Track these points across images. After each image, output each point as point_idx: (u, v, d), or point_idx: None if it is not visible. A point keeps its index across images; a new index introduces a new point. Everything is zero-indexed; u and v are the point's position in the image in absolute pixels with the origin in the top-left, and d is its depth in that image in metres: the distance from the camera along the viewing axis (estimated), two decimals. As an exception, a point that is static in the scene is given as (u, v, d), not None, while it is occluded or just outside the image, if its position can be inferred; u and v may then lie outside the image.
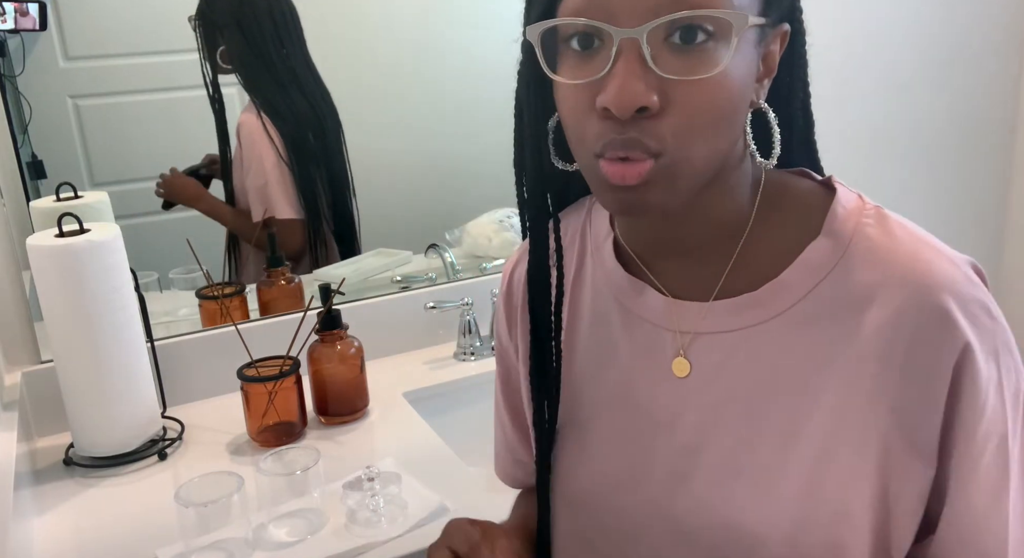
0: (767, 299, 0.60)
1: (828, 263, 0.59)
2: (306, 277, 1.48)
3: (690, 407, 0.62)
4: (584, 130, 0.55)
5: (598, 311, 0.68)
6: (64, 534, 1.01)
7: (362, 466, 1.01)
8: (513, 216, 1.62)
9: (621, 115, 0.51)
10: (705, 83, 0.51)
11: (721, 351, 0.61)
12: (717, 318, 0.62)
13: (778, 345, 0.59)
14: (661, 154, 0.53)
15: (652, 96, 0.51)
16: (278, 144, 1.42)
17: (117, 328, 1.11)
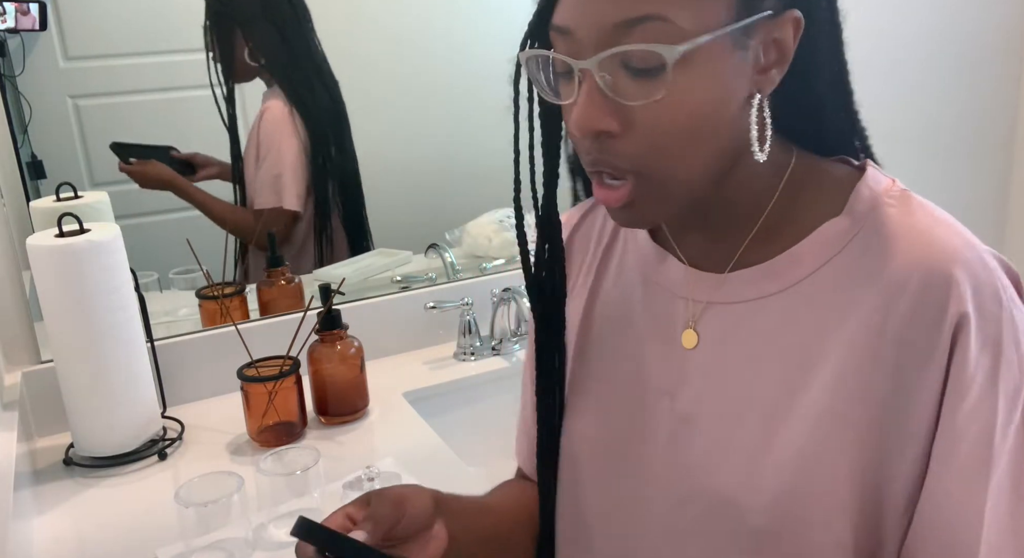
0: (780, 271, 0.61)
1: (843, 239, 0.59)
2: (306, 277, 1.48)
3: (693, 377, 0.64)
4: (579, 147, 0.59)
5: (624, 279, 0.71)
6: (64, 534, 1.01)
7: (362, 466, 1.01)
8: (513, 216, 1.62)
9: (582, 138, 0.55)
10: (663, 104, 0.53)
11: (729, 322, 0.63)
12: (731, 288, 0.63)
13: (784, 318, 0.60)
14: (637, 173, 0.56)
15: (609, 121, 0.54)
16: (302, 135, 1.42)
17: (117, 328, 1.11)
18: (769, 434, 0.59)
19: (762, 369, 0.60)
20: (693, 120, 0.54)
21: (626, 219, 0.59)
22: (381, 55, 1.49)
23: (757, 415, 0.60)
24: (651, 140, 0.54)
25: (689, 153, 0.55)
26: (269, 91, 1.42)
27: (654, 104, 0.53)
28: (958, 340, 0.55)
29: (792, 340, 0.60)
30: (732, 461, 0.61)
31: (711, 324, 0.64)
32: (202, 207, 1.40)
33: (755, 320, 0.61)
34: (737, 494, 0.60)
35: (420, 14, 1.52)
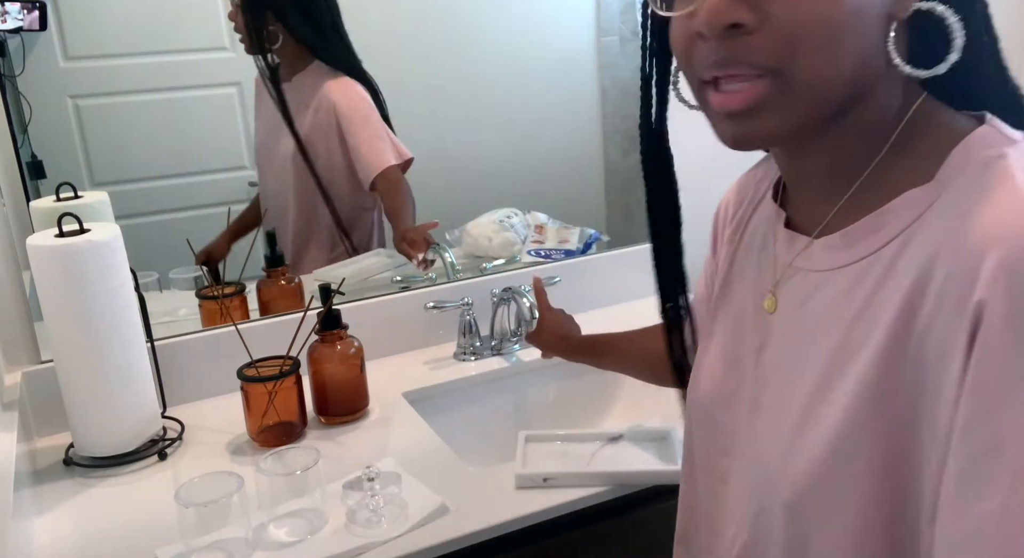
0: (855, 241, 0.57)
1: (915, 213, 0.54)
2: (306, 277, 1.48)
3: (771, 341, 0.64)
4: (689, 59, 0.55)
5: (756, 235, 0.70)
6: (64, 534, 1.01)
7: (362, 466, 1.01)
8: (513, 216, 1.62)
9: (710, 33, 0.51)
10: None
11: (805, 290, 0.61)
12: (813, 255, 0.61)
13: (846, 293, 0.57)
14: (775, 70, 0.51)
15: (743, 11, 0.50)
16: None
17: (117, 328, 1.11)
18: (811, 411, 0.57)
19: (819, 343, 0.58)
20: (837, 14, 0.50)
21: (744, 130, 0.54)
22: (381, 56, 1.49)
23: (806, 389, 0.58)
24: (792, 33, 0.50)
25: (833, 51, 0.51)
26: (306, 72, 1.44)
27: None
28: (978, 329, 0.48)
29: (847, 318, 0.56)
30: (778, 432, 0.60)
31: (792, 290, 0.62)
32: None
33: (824, 291, 0.59)
34: (775, 465, 0.59)
35: (418, 16, 1.52)
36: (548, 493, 1.03)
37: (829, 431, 0.56)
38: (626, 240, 1.68)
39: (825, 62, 0.51)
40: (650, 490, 1.06)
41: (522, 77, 1.61)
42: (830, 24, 0.50)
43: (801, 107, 0.53)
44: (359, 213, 1.53)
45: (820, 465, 0.56)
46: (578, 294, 1.59)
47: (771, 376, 0.63)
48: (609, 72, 1.68)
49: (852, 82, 0.53)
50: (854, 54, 0.52)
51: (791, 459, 0.58)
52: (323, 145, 1.47)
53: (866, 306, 0.55)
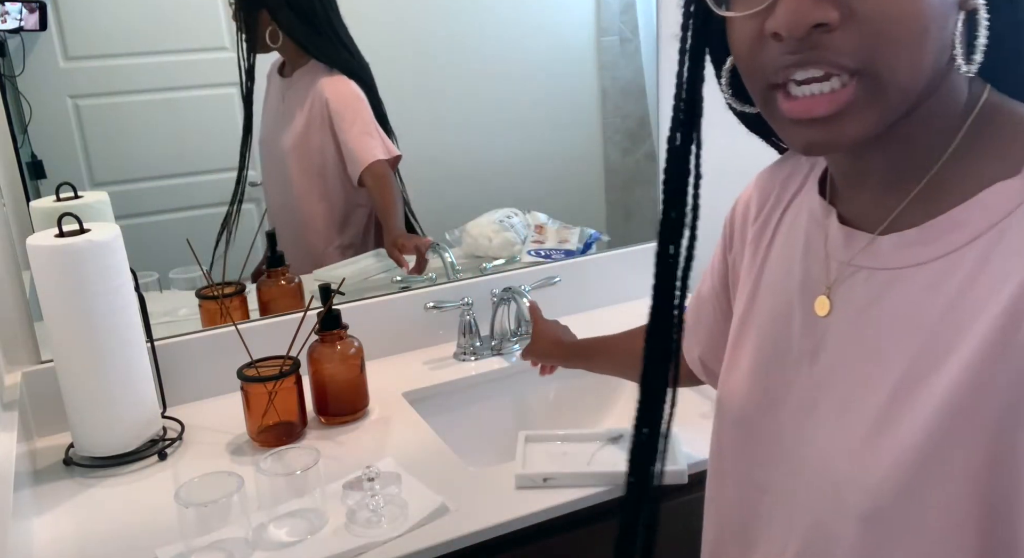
0: (935, 236, 0.54)
1: (1008, 207, 0.51)
2: (306, 277, 1.48)
3: (829, 344, 0.60)
4: (755, 61, 0.52)
5: (794, 233, 0.67)
6: (64, 534, 1.01)
7: (362, 466, 1.01)
8: (513, 216, 1.62)
9: (793, 33, 0.48)
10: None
11: (872, 289, 0.57)
12: (880, 252, 0.57)
13: (929, 291, 0.53)
14: (861, 69, 0.49)
15: (828, 10, 0.47)
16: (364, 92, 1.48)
17: (117, 328, 1.11)
18: (891, 416, 0.54)
19: (897, 344, 0.55)
20: (924, 7, 0.48)
21: (824, 136, 0.51)
22: (381, 56, 1.49)
23: (884, 393, 0.55)
24: (878, 29, 0.48)
25: (918, 46, 0.48)
26: (305, 69, 1.44)
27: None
28: None
29: (933, 317, 0.53)
30: (848, 439, 0.56)
31: (854, 289, 0.58)
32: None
33: (899, 289, 0.55)
34: (844, 474, 0.56)
35: (418, 16, 1.52)
36: (548, 493, 1.03)
37: (917, 435, 0.52)
38: (626, 240, 1.68)
39: (911, 58, 0.49)
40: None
41: (522, 77, 1.61)
42: (917, 18, 0.48)
43: (889, 108, 0.51)
44: (352, 209, 1.53)
45: (906, 472, 0.52)
46: (578, 294, 1.60)
47: (833, 380, 0.59)
48: (609, 72, 1.68)
49: (930, 77, 0.51)
50: (935, 48, 0.50)
51: (867, 467, 0.54)
52: (317, 141, 1.47)
53: (956, 304, 0.52)
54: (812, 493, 0.59)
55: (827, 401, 0.59)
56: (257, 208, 1.47)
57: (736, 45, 0.54)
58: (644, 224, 1.72)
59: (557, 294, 1.54)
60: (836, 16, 0.48)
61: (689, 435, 1.10)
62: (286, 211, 1.50)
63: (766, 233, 0.70)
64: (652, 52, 1.64)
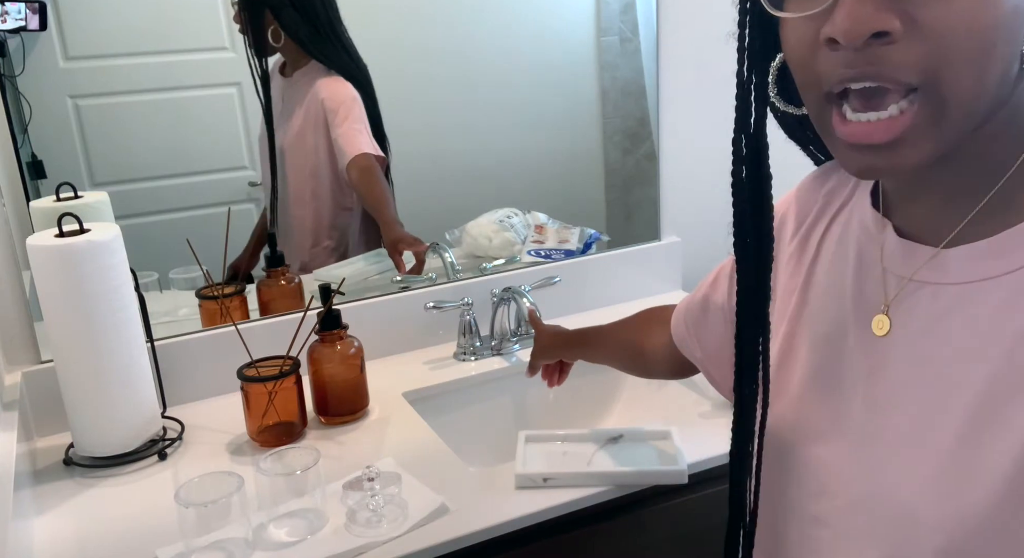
0: (1006, 250, 0.50)
1: None
2: (306, 277, 1.48)
3: (890, 364, 0.56)
4: (810, 67, 0.49)
5: (844, 249, 0.63)
6: (64, 534, 1.01)
7: (362, 466, 1.01)
8: (513, 216, 1.62)
9: (850, 42, 0.45)
10: (962, 2, 0.44)
11: (940, 305, 0.54)
12: (946, 266, 0.54)
13: (1007, 306, 0.50)
14: (923, 85, 0.46)
15: (890, 18, 0.44)
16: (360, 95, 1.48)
17: (117, 328, 1.11)
18: (969, 443, 0.50)
19: (969, 364, 0.51)
20: (993, 20, 0.44)
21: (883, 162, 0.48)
22: (381, 57, 1.49)
23: (958, 418, 0.51)
24: (942, 42, 0.44)
25: (985, 62, 0.45)
26: (305, 70, 1.45)
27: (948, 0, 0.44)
28: None
29: (1010, 334, 0.49)
30: (920, 469, 0.52)
31: (917, 305, 0.55)
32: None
33: (972, 305, 0.52)
34: (919, 506, 0.52)
35: (418, 16, 1.52)
36: (548, 493, 1.03)
37: (1003, 465, 0.48)
38: (626, 240, 1.68)
39: (977, 75, 0.46)
40: (650, 490, 1.06)
41: (522, 77, 1.61)
42: (985, 31, 0.45)
43: (951, 130, 0.47)
44: (340, 212, 1.53)
45: (989, 505, 0.48)
46: (578, 294, 1.60)
47: (895, 404, 0.55)
48: (609, 72, 1.68)
49: (997, 93, 0.48)
50: (1003, 62, 0.47)
51: (944, 498, 0.50)
52: (311, 141, 1.48)
53: None
54: (883, 528, 0.55)
55: (893, 428, 0.55)
56: (256, 207, 1.47)
57: (790, 49, 0.51)
58: (644, 224, 1.71)
59: (557, 294, 1.54)
60: (898, 25, 0.44)
61: (689, 435, 1.10)
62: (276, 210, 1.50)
63: (808, 249, 0.67)
64: (652, 52, 1.64)
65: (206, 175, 1.43)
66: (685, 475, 1.04)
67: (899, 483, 0.54)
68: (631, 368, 1.06)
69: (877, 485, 0.55)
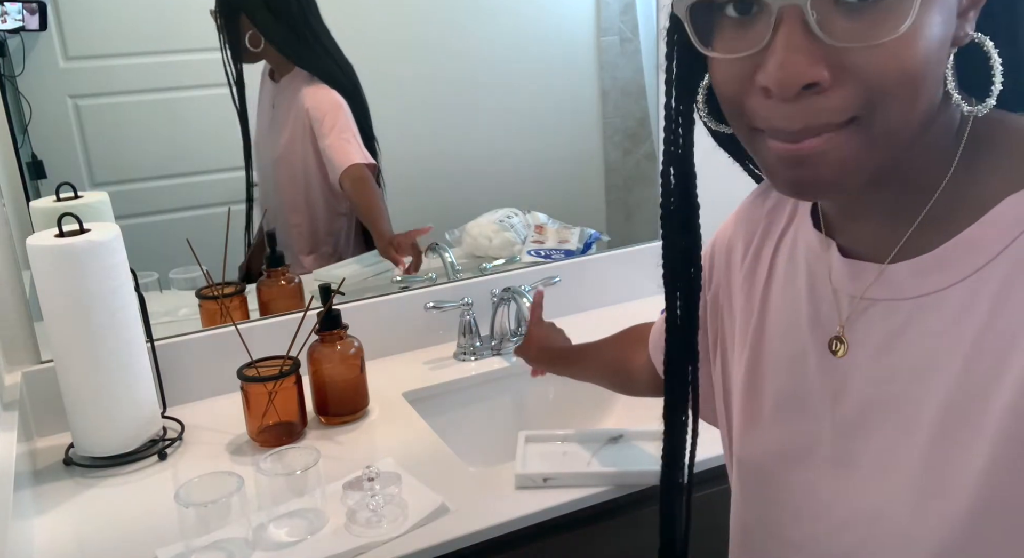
0: (954, 259, 0.51)
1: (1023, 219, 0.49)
2: (306, 277, 1.48)
3: (852, 385, 0.56)
4: (740, 105, 0.50)
5: (794, 272, 0.63)
6: (64, 534, 1.01)
7: (362, 466, 1.01)
8: (513, 216, 1.62)
9: (784, 95, 0.46)
10: (888, 45, 0.44)
11: (893, 322, 0.54)
12: (892, 283, 0.54)
13: (961, 316, 0.50)
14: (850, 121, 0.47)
15: (820, 70, 0.45)
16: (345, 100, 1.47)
17: (117, 328, 1.11)
18: (940, 458, 0.50)
19: (931, 378, 0.51)
20: (924, 64, 0.46)
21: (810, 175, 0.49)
22: (381, 57, 1.49)
23: (925, 433, 0.51)
24: (871, 86, 0.45)
25: (913, 97, 0.47)
26: (291, 76, 1.44)
27: (878, 46, 0.44)
28: None
29: (965, 345, 0.50)
30: (896, 490, 0.53)
31: (872, 323, 0.55)
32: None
33: (925, 319, 0.52)
34: (903, 522, 0.52)
35: (417, 16, 1.52)
36: (548, 493, 1.03)
37: (971, 476, 0.48)
38: (626, 240, 1.68)
39: (906, 108, 0.47)
40: (650, 490, 1.06)
41: (522, 77, 1.61)
42: (913, 70, 0.46)
43: (880, 156, 0.49)
44: (334, 219, 1.53)
45: (964, 517, 0.49)
46: (578, 294, 1.60)
47: (863, 425, 0.56)
48: (609, 72, 1.68)
49: (924, 121, 0.49)
50: (930, 95, 0.48)
51: (923, 517, 0.51)
52: (300, 151, 1.47)
53: (989, 327, 0.49)
54: (864, 550, 0.55)
55: (865, 450, 0.55)
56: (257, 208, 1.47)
57: (718, 84, 0.52)
58: (644, 224, 1.72)
59: (557, 294, 1.54)
60: (827, 76, 0.45)
61: (689, 435, 1.10)
62: (271, 215, 1.50)
63: (759, 271, 0.67)
64: (652, 52, 1.64)
65: (206, 175, 1.43)
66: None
67: (879, 504, 0.54)
68: (616, 386, 1.06)
69: (858, 508, 0.55)
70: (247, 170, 1.44)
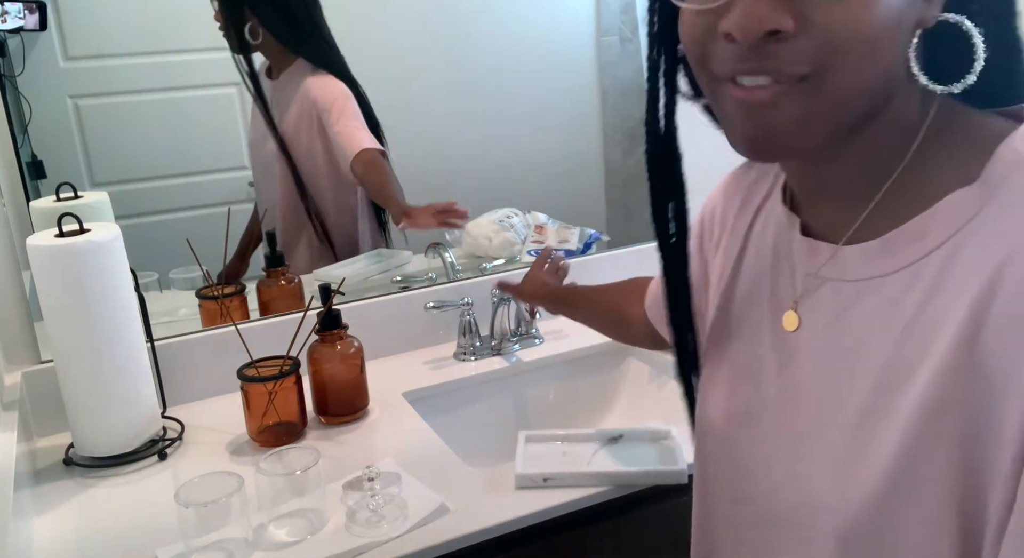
0: (898, 247, 0.53)
1: (969, 212, 0.50)
2: (306, 277, 1.48)
3: (798, 358, 0.60)
4: (705, 55, 0.52)
5: (764, 246, 0.66)
6: (64, 534, 1.01)
7: (362, 466, 1.01)
8: (513, 216, 1.62)
9: (746, 40, 0.48)
10: (850, 3, 0.47)
11: (839, 301, 0.57)
12: (845, 263, 0.57)
13: (894, 303, 0.53)
14: (808, 76, 0.49)
15: (785, 17, 0.47)
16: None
17: (117, 328, 1.11)
18: (863, 433, 0.53)
19: (865, 358, 0.54)
20: (882, 24, 0.48)
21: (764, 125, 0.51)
22: (381, 57, 1.49)
23: (854, 409, 0.54)
24: (829, 40, 0.47)
25: (866, 59, 0.48)
26: (291, 70, 1.44)
27: (839, 1, 0.47)
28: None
29: (896, 331, 0.52)
30: (822, 457, 0.56)
31: (821, 301, 0.58)
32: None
33: (866, 300, 0.55)
34: (821, 491, 0.55)
35: (417, 16, 1.52)
36: (548, 493, 1.03)
37: (889, 452, 0.51)
38: (626, 240, 1.68)
39: (857, 71, 0.49)
40: (650, 490, 1.06)
41: (522, 77, 1.61)
42: (869, 32, 0.48)
43: (829, 117, 0.50)
44: (343, 211, 1.53)
45: (878, 492, 0.52)
46: (578, 294, 1.59)
47: (803, 397, 0.59)
48: (609, 72, 1.68)
49: (878, 91, 0.51)
50: (884, 63, 0.50)
51: (843, 487, 0.54)
52: (306, 142, 1.47)
53: (919, 316, 0.51)
54: (794, 510, 0.58)
55: (800, 420, 0.59)
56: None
57: (686, 37, 0.53)
58: (644, 224, 1.69)
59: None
60: (791, 24, 0.47)
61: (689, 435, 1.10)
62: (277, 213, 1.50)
63: (735, 243, 0.69)
64: (652, 52, 1.64)
65: (206, 175, 1.43)
66: (685, 475, 1.04)
67: (807, 469, 0.57)
68: (611, 333, 1.12)
69: (790, 471, 0.59)
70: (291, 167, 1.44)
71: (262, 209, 1.47)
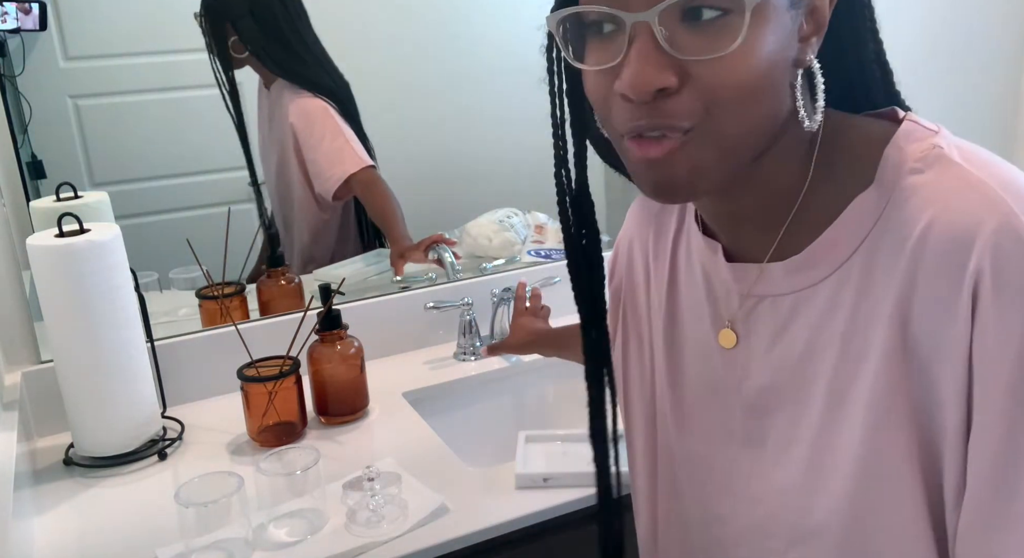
0: (816, 260, 0.58)
1: (873, 214, 0.55)
2: (306, 277, 1.48)
3: (753, 372, 0.63)
4: (608, 113, 0.55)
5: (693, 272, 0.69)
6: (64, 534, 1.01)
7: (362, 466, 1.01)
8: (513, 216, 1.62)
9: (638, 99, 0.51)
10: (726, 59, 0.50)
11: (779, 315, 0.61)
12: (773, 280, 0.61)
13: (830, 307, 0.57)
14: (694, 128, 0.52)
15: (669, 77, 0.51)
16: (333, 105, 1.45)
17: (117, 328, 1.11)
18: (828, 435, 0.57)
19: (815, 364, 0.58)
20: (757, 77, 0.52)
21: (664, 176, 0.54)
22: (380, 57, 1.49)
23: (815, 415, 0.58)
24: (711, 94, 0.51)
25: (748, 108, 0.53)
26: (278, 84, 1.43)
27: (717, 59, 0.50)
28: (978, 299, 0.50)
29: (837, 333, 0.57)
30: (796, 461, 0.59)
31: (761, 318, 0.62)
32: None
33: (804, 311, 0.59)
34: (799, 495, 0.59)
35: (416, 15, 1.52)
36: (548, 493, 1.03)
37: (856, 440, 0.55)
38: (626, 240, 1.67)
39: (740, 117, 0.53)
40: (650, 490, 1.06)
41: (522, 76, 1.61)
42: (747, 82, 0.51)
43: (724, 162, 0.54)
44: (322, 226, 1.52)
45: (847, 492, 0.56)
46: (578, 294, 1.59)
47: (764, 408, 0.62)
48: (609, 72, 1.68)
49: (765, 130, 0.55)
50: (766, 107, 0.54)
51: (819, 492, 0.57)
52: (287, 167, 1.46)
53: (854, 316, 0.56)
54: (773, 521, 0.61)
55: (768, 432, 0.62)
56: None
57: (591, 95, 0.57)
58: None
59: (557, 294, 1.53)
60: (675, 81, 0.51)
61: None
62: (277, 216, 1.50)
63: (661, 272, 0.72)
64: (652, 52, 1.64)
65: (206, 175, 1.43)
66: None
67: (781, 480, 0.61)
68: None
69: (766, 483, 0.62)
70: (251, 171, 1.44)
71: (270, 208, 1.47)
